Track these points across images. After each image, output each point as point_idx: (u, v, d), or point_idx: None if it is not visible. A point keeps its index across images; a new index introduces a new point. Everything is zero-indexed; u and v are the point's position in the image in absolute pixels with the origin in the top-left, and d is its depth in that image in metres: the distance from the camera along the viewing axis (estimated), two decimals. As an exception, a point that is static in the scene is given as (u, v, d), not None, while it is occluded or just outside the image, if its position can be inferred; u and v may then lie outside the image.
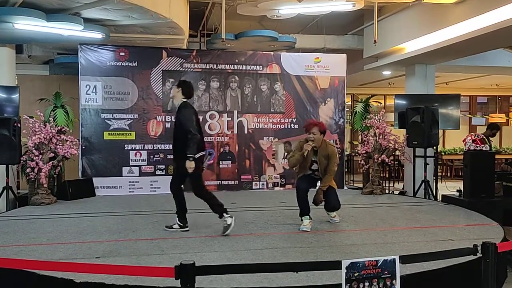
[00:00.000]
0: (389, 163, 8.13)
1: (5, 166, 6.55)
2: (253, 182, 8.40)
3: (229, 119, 8.34)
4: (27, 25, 5.86)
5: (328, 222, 5.52)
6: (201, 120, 8.02)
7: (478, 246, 2.68)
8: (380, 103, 11.97)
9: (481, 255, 2.68)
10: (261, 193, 8.14)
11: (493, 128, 8.29)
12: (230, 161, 8.32)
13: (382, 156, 7.75)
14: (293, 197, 5.48)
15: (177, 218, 5.11)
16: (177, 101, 5.07)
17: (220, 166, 8.27)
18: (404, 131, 8.18)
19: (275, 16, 7.58)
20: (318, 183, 5.34)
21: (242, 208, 6.50)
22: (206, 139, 8.12)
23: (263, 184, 8.43)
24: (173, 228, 5.08)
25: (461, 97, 9.15)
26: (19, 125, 6.54)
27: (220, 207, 4.98)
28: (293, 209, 5.82)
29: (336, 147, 8.60)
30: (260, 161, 8.43)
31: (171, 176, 5.93)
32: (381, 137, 7.86)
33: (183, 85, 5.09)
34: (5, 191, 6.53)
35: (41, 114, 7.07)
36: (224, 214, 4.93)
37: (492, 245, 2.66)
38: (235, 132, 8.35)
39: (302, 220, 5.19)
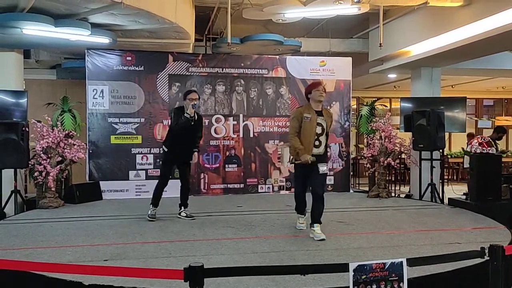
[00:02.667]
0: (395, 166, 8.12)
1: (13, 170, 6.62)
2: (259, 186, 8.41)
3: (235, 122, 8.37)
4: (35, 30, 5.93)
5: (334, 226, 5.52)
6: (206, 123, 8.15)
7: (486, 249, 2.68)
8: (386, 106, 11.94)
9: (488, 258, 2.68)
10: (267, 196, 8.15)
11: (500, 131, 8.27)
12: (236, 165, 8.35)
13: (388, 159, 7.74)
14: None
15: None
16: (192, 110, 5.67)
17: (226, 169, 8.30)
18: (410, 134, 8.17)
19: (280, 20, 7.61)
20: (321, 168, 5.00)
21: (248, 212, 6.52)
22: (212, 142, 8.21)
23: (268, 187, 8.44)
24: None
25: (467, 100, 9.13)
26: (27, 129, 6.61)
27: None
28: (299, 212, 5.83)
29: (342, 150, 8.70)
30: (266, 165, 8.45)
31: (177, 180, 6.04)
32: (387, 140, 7.86)
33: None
34: (13, 194, 6.60)
35: (49, 118, 7.13)
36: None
37: (500, 248, 2.66)
38: (241, 135, 8.38)
39: (298, 218, 5.31)
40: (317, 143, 4.97)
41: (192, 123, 5.67)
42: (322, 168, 4.95)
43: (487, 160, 6.96)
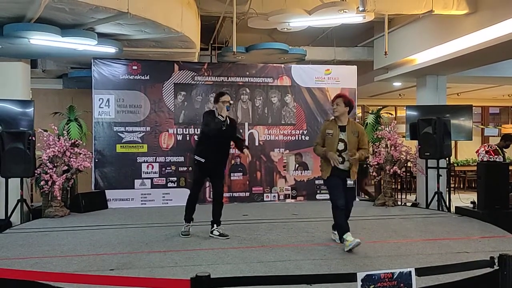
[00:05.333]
0: (401, 175, 8.08)
1: (19, 179, 6.64)
2: (265, 194, 8.39)
3: (240, 131, 8.37)
4: (42, 40, 5.97)
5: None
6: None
7: (495, 258, 2.65)
8: (391, 114, 11.91)
9: (498, 267, 2.65)
10: (273, 205, 8.12)
11: (507, 139, 8.20)
12: (241, 173, 8.33)
13: (394, 167, 7.71)
14: (305, 209, 5.50)
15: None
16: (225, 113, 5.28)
17: (232, 178, 8.28)
18: (415, 142, 8.14)
19: (285, 29, 7.63)
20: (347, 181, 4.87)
21: (254, 220, 6.50)
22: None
23: (274, 196, 8.42)
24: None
25: (473, 108, 9.09)
26: (33, 138, 6.63)
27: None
28: (305, 221, 5.82)
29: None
30: (271, 173, 8.43)
31: (182, 188, 5.96)
32: (392, 148, 7.83)
33: None
34: (19, 203, 6.61)
35: (55, 127, 7.16)
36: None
37: (509, 257, 2.63)
38: (246, 144, 8.34)
39: (345, 239, 4.67)
40: (340, 159, 4.79)
41: (224, 127, 5.20)
42: (349, 182, 4.84)
43: (495, 169, 6.91)
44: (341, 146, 4.84)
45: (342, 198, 4.80)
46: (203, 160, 5.31)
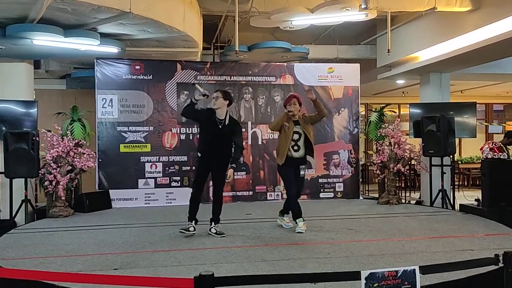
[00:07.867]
0: (405, 173, 8.06)
1: (24, 179, 6.67)
2: (268, 193, 8.38)
3: (243, 130, 8.33)
4: (45, 40, 6.00)
5: (344, 233, 5.48)
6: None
7: (500, 256, 2.64)
8: (395, 112, 11.89)
9: (502, 265, 2.64)
10: (276, 203, 8.07)
11: (510, 136, 8.16)
12: (245, 172, 8.33)
13: (398, 165, 7.68)
14: (308, 208, 5.53)
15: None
16: (223, 112, 5.38)
17: (235, 177, 8.23)
18: (419, 140, 8.11)
19: (288, 28, 7.63)
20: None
21: (257, 219, 6.50)
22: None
23: (277, 194, 8.41)
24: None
25: (477, 105, 9.06)
26: (37, 138, 6.65)
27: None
28: (309, 219, 5.81)
29: (351, 157, 8.66)
30: (275, 172, 8.36)
31: (186, 188, 5.95)
32: (396, 146, 7.81)
33: (229, 96, 5.57)
34: (23, 204, 6.63)
35: (59, 127, 7.18)
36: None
37: (514, 254, 2.61)
38: (249, 143, 8.37)
39: (297, 223, 5.51)
40: (296, 147, 5.57)
41: (220, 126, 5.28)
42: (302, 173, 5.64)
43: (499, 166, 6.89)
44: (296, 136, 5.56)
45: (294, 187, 5.56)
46: (199, 155, 5.55)
